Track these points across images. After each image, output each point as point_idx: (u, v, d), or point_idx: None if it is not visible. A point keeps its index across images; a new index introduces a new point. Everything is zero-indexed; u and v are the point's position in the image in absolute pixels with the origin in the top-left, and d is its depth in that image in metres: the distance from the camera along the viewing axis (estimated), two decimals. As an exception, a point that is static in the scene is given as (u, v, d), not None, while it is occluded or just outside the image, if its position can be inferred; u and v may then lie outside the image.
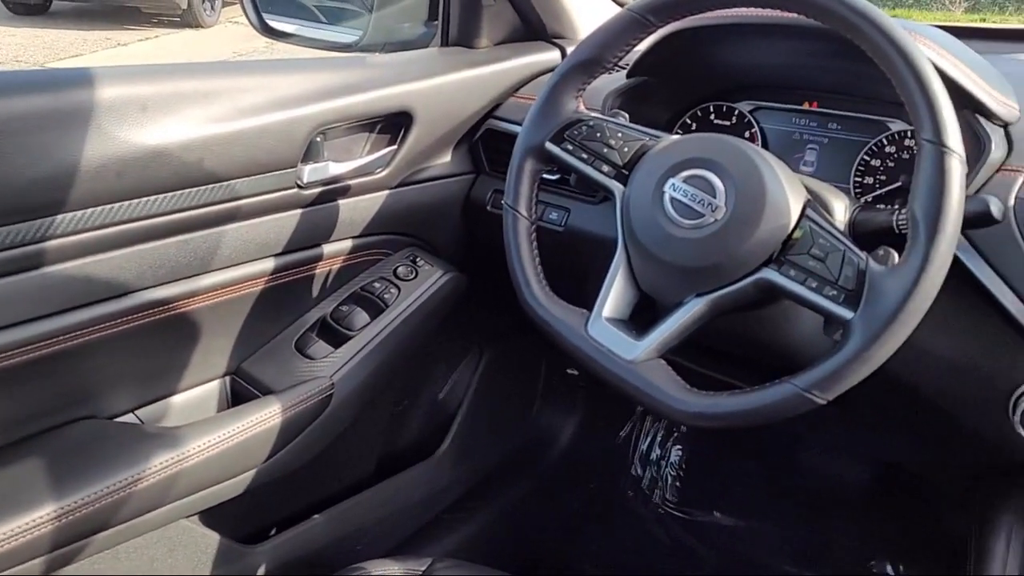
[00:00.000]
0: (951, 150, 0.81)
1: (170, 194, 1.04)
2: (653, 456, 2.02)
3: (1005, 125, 1.04)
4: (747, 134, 1.29)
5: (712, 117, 1.32)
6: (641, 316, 0.99)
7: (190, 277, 1.11)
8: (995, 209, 0.90)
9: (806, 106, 1.26)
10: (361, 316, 1.30)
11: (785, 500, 1.87)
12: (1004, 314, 0.97)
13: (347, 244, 1.31)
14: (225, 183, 1.09)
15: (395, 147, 1.32)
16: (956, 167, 0.81)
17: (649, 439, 2.03)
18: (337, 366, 1.25)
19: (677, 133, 1.33)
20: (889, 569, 1.73)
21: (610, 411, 1.97)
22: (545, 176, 1.28)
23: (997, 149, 1.01)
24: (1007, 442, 0.99)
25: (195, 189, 1.06)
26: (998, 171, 1.01)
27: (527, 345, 1.70)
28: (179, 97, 1.05)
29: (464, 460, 1.71)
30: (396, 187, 1.34)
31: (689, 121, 1.34)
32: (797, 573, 1.75)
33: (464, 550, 1.64)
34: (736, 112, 1.30)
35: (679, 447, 2.01)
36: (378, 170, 1.30)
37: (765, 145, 1.28)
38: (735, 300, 0.93)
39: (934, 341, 1.01)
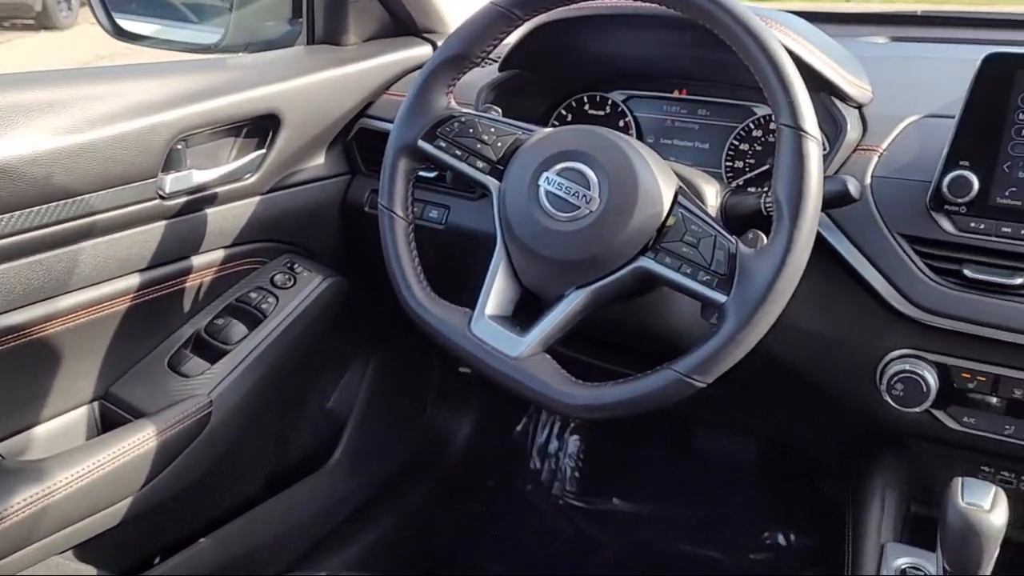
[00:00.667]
0: (808, 134, 0.84)
1: (18, 213, 0.97)
2: (551, 449, 2.03)
3: (859, 106, 1.09)
4: (621, 123, 1.31)
5: (587, 108, 1.33)
6: (525, 312, 0.99)
7: (47, 299, 1.04)
8: (853, 188, 0.93)
9: (676, 94, 1.28)
10: (238, 328, 1.25)
11: (681, 482, 1.92)
12: (868, 289, 1.01)
13: (219, 255, 1.26)
14: (79, 198, 1.02)
15: (263, 151, 1.27)
16: (813, 150, 0.84)
17: (546, 432, 2.04)
18: (215, 382, 1.19)
19: (553, 125, 1.33)
20: (781, 539, 1.79)
21: (505, 407, 1.97)
22: (422, 174, 1.27)
23: (853, 130, 1.05)
24: (876, 410, 1.03)
25: (46, 206, 1.00)
26: (855, 151, 1.05)
27: (416, 347, 1.68)
28: (22, 109, 0.98)
29: (359, 469, 1.67)
30: (267, 192, 1.30)
31: (564, 112, 1.34)
32: (695, 551, 1.79)
33: (364, 561, 1.61)
34: (609, 102, 1.31)
35: (576, 438, 2.03)
36: (247, 176, 1.25)
37: (639, 133, 1.30)
38: (615, 290, 0.93)
39: (805, 318, 1.05)
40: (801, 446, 1.53)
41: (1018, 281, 0.93)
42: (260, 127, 1.26)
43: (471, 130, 1.02)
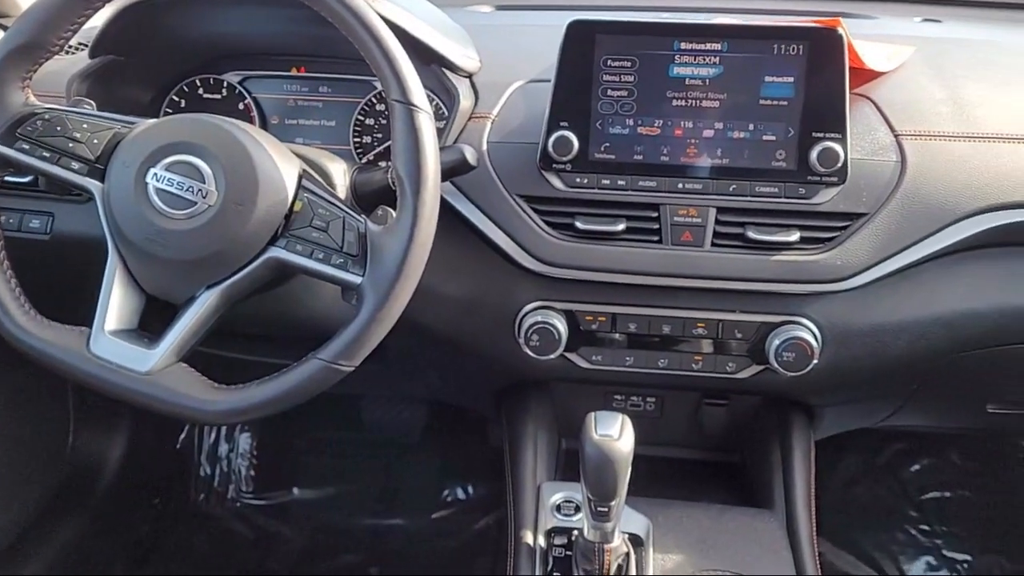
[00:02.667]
0: (418, 107, 0.85)
1: None
2: (221, 452, 1.92)
3: (469, 75, 1.13)
4: (240, 106, 1.24)
5: (201, 92, 1.24)
6: (157, 320, 0.91)
7: None
8: (471, 156, 0.97)
9: (294, 72, 1.24)
10: None
11: (359, 457, 1.92)
12: (497, 249, 1.06)
13: None
14: None
15: None
16: (426, 123, 0.85)
17: (214, 435, 1.93)
18: None
19: (166, 114, 1.23)
20: (460, 493, 1.87)
21: (160, 419, 1.82)
22: (9, 180, 1.11)
23: (466, 99, 1.09)
24: (519, 362, 1.10)
25: None
26: (469, 120, 1.09)
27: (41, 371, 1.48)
28: None
29: (2, 511, 1.46)
30: None
31: (177, 99, 1.24)
32: (378, 523, 1.81)
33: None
34: (225, 84, 1.24)
35: (247, 435, 1.94)
36: None
37: (261, 115, 1.25)
38: (250, 284, 0.89)
39: (444, 284, 1.08)
40: (462, 404, 1.60)
41: (619, 227, 1.04)
42: None
43: (59, 127, 0.91)
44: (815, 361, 1.04)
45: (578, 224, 1.04)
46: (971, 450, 1.87)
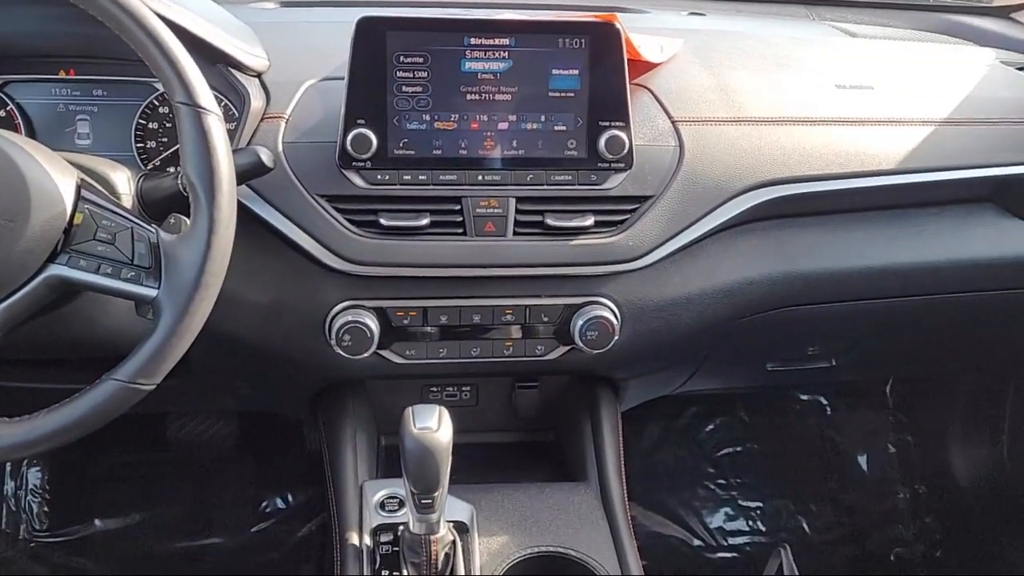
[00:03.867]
0: (206, 109, 0.82)
1: None
2: (7, 490, 1.76)
3: (258, 74, 1.10)
4: (2, 112, 1.14)
5: (-43, 100, 1.13)
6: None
7: None
8: (266, 158, 0.95)
9: (63, 75, 1.15)
10: None
11: (165, 480, 1.82)
12: (301, 251, 1.04)
13: None
14: None
15: None
16: (215, 125, 0.82)
17: (-4, 473, 1.76)
18: None
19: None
20: (279, 503, 1.82)
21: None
22: None
23: (256, 99, 1.06)
24: (332, 363, 1.09)
25: None
26: (262, 120, 1.06)
27: None
28: None
29: None
30: None
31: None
32: (192, 544, 1.73)
33: None
34: (-19, 90, 1.13)
35: (36, 469, 1.79)
36: None
37: (28, 123, 1.15)
38: (28, 306, 0.82)
39: (249, 291, 1.05)
40: (274, 410, 1.56)
41: (424, 222, 1.05)
42: None
43: None
44: (616, 337, 1.10)
45: (382, 221, 1.04)
46: (756, 406, 2.05)
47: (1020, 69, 1.43)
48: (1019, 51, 1.53)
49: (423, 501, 0.91)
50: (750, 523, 1.99)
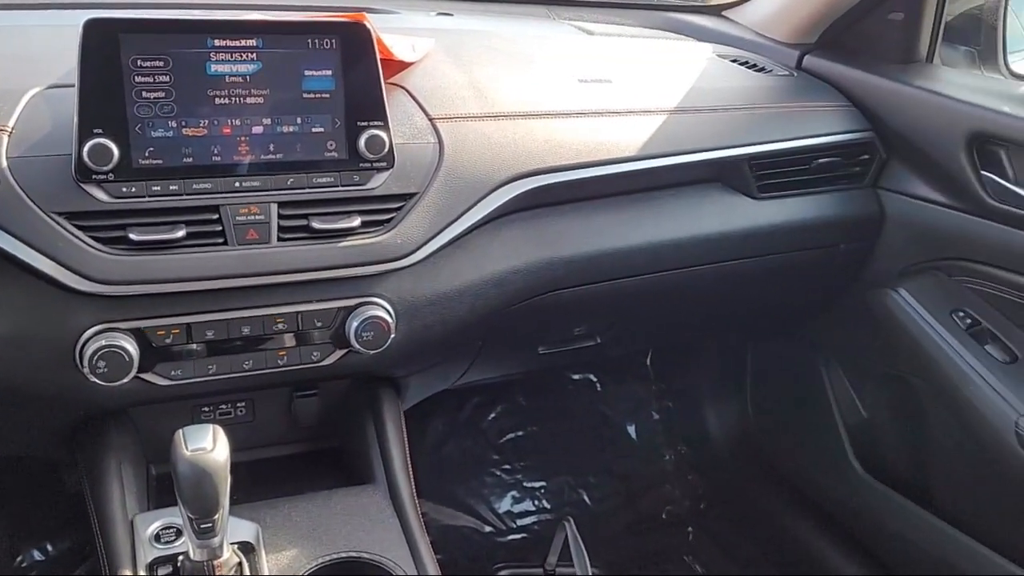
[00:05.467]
0: None
1: None
2: None
3: None
4: None
5: None
6: None
7: None
8: None
9: None
10: None
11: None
12: (40, 275, 0.95)
13: None
14: None
15: None
16: None
17: None
18: None
19: None
20: (37, 555, 1.65)
21: None
22: None
23: None
24: (87, 394, 1.00)
25: None
26: None
27: None
28: None
29: None
30: None
31: None
32: None
33: None
34: None
35: None
36: None
37: None
38: None
39: (-19, 325, 0.95)
40: (22, 453, 1.40)
41: (179, 234, 0.99)
42: None
43: None
44: (393, 335, 1.11)
45: (132, 236, 0.97)
46: (533, 390, 2.14)
47: (732, 61, 1.60)
48: (731, 45, 1.71)
49: (203, 526, 0.87)
50: (536, 503, 2.08)
